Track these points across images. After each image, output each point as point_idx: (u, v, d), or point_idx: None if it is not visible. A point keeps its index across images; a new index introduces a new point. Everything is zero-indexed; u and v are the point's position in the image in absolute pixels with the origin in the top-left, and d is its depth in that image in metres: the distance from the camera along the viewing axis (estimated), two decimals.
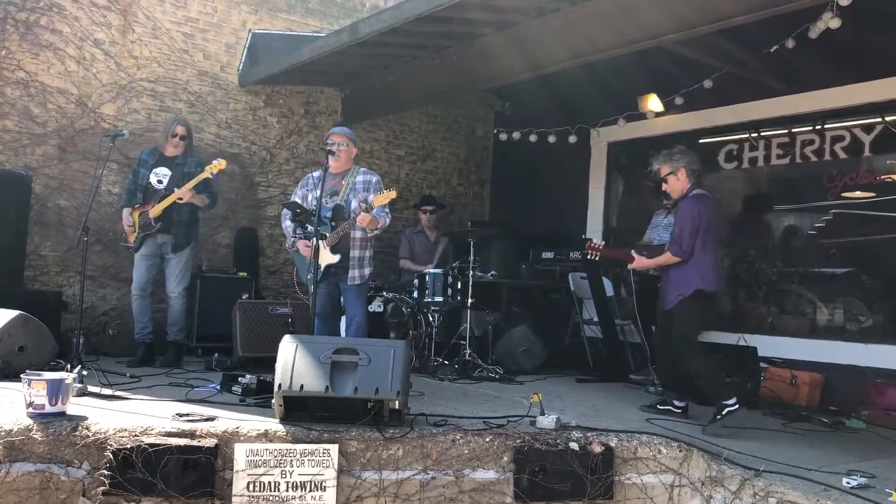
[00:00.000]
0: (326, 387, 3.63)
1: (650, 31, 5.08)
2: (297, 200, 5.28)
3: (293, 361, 3.67)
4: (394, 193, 4.96)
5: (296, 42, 7.21)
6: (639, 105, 7.14)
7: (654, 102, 7.07)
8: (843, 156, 6.30)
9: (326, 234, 4.96)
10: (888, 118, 5.99)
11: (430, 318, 6.57)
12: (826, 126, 6.37)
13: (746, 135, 6.92)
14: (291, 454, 3.51)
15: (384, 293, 6.66)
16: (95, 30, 6.71)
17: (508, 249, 7.92)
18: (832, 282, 6.49)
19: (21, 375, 3.61)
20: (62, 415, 3.51)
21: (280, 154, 7.74)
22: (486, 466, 3.76)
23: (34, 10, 6.44)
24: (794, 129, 6.59)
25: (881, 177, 6.12)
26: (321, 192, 4.86)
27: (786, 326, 6.57)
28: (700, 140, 7.17)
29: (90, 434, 3.39)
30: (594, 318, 7.01)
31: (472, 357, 6.25)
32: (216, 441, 3.45)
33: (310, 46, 6.66)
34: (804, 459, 3.89)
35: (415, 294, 6.58)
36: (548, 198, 8.25)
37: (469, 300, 6.36)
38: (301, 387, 3.62)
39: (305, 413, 3.77)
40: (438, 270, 6.53)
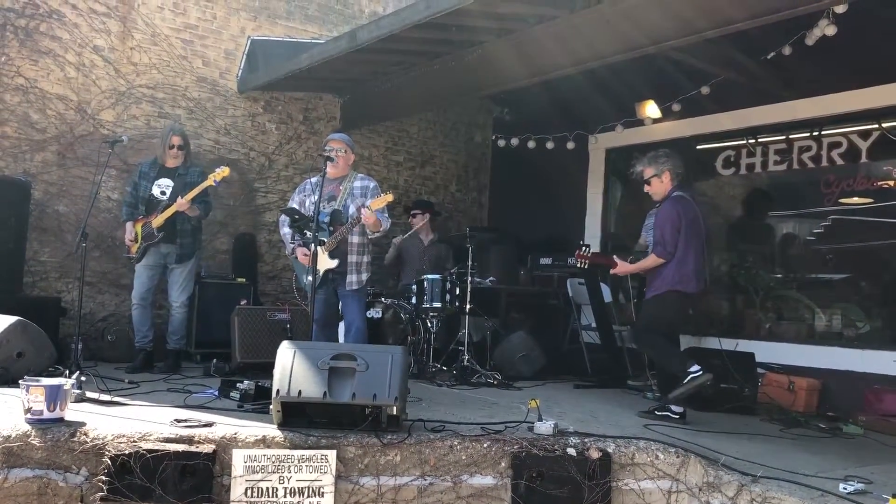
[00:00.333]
0: (324, 393, 3.63)
1: (652, 36, 5.09)
2: (295, 206, 5.29)
3: (291, 367, 3.68)
4: (391, 196, 4.97)
5: (295, 49, 7.22)
6: (636, 112, 7.18)
7: (652, 109, 7.10)
8: (841, 162, 6.32)
9: (325, 240, 4.98)
10: (885, 124, 6.01)
11: (429, 324, 6.57)
12: (823, 132, 6.40)
13: (744, 141, 6.94)
14: (289, 460, 3.50)
15: (382, 299, 6.66)
16: (95, 36, 6.73)
17: (507, 255, 7.93)
18: (830, 288, 6.51)
19: (19, 381, 3.61)
20: (60, 420, 3.50)
21: (279, 160, 7.75)
22: (484, 472, 3.75)
23: (34, 17, 6.46)
24: (792, 136, 6.61)
25: (878, 183, 6.14)
26: (319, 197, 4.88)
27: (783, 332, 6.58)
28: (698, 146, 7.20)
29: (88, 440, 3.39)
30: (592, 324, 7.04)
31: (471, 363, 6.25)
32: (214, 447, 3.45)
33: (309, 53, 6.68)
34: (801, 465, 3.89)
35: (413, 300, 6.58)
36: (546, 204, 8.26)
37: (467, 306, 6.36)
38: (299, 393, 3.63)
39: (303, 419, 3.77)
40: (437, 276, 6.53)
